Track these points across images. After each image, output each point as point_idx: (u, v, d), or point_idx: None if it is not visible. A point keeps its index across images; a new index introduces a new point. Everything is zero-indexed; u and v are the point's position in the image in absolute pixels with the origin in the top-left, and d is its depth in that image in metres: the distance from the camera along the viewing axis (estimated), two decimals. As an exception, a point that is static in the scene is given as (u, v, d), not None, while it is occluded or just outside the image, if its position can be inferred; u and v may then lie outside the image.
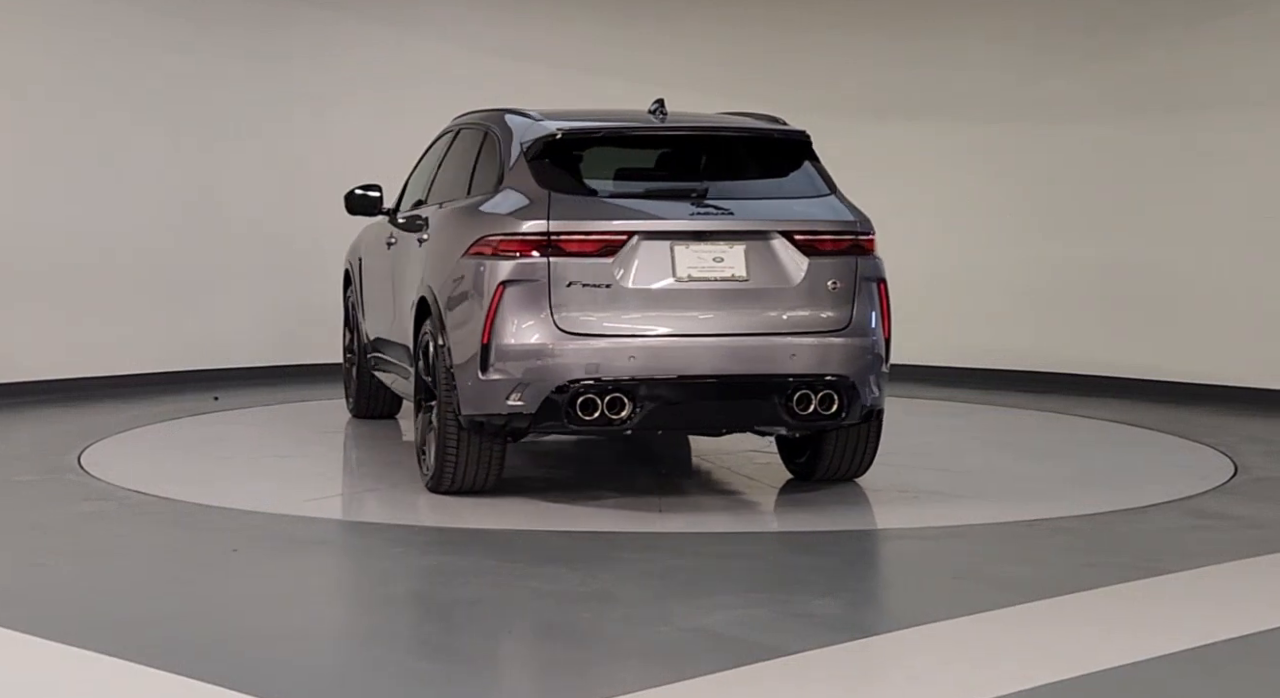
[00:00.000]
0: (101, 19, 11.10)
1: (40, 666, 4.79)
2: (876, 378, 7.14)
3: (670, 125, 7.46)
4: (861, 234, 7.19)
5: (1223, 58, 11.05)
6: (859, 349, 7.05)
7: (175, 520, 7.01)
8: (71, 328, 10.91)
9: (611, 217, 6.95)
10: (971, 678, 4.68)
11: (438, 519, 6.95)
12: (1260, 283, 10.91)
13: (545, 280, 6.82)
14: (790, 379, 6.92)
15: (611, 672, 4.73)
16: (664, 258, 6.91)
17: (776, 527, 6.98)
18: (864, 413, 7.16)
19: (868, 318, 7.12)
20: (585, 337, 6.80)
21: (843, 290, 7.07)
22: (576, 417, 6.79)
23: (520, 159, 7.23)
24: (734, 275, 6.96)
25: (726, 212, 7.04)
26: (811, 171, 7.47)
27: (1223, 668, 4.84)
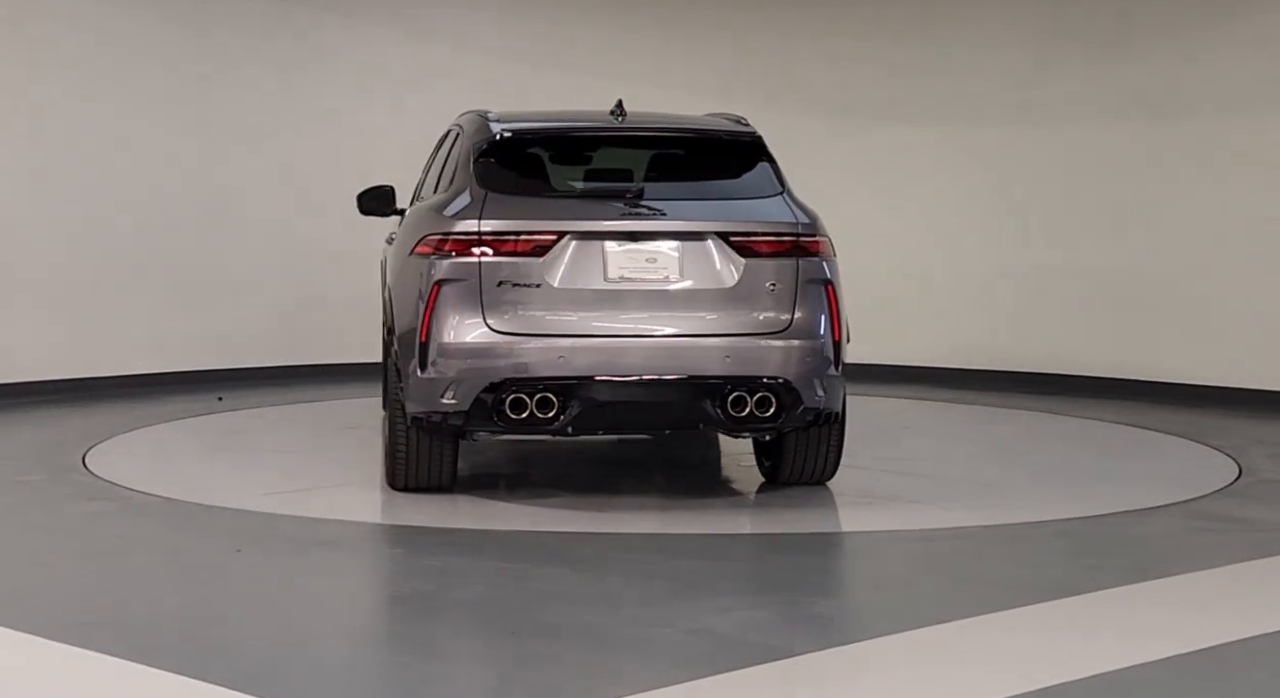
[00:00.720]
0: (109, 22, 11.11)
1: (44, 666, 4.80)
2: (823, 381, 7.02)
3: (615, 126, 7.47)
4: (804, 236, 7.08)
5: (1222, 62, 11.04)
6: (799, 351, 6.97)
7: (179, 521, 7.02)
8: (76, 328, 10.92)
9: (542, 217, 6.98)
10: (973, 680, 4.68)
11: (441, 520, 6.95)
12: (1265, 284, 10.90)
13: (477, 280, 6.86)
14: (724, 381, 6.87)
15: (614, 673, 4.73)
16: (596, 259, 6.92)
17: (779, 528, 6.97)
18: (810, 416, 7.08)
19: (811, 320, 7.02)
20: (515, 336, 6.83)
21: (782, 292, 6.99)
22: (506, 416, 6.82)
23: (469, 159, 7.30)
24: (667, 276, 6.96)
25: (659, 212, 7.01)
26: (763, 172, 7.39)
27: (1226, 672, 4.84)
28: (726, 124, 7.69)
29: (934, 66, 12.27)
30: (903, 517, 7.25)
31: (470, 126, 7.62)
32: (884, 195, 12.54)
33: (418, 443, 7.21)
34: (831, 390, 7.10)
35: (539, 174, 7.41)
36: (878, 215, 12.49)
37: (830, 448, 7.48)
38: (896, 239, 12.48)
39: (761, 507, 7.40)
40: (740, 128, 7.60)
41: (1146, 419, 10.23)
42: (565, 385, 6.80)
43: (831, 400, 7.12)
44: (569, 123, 7.60)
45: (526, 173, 7.35)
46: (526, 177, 7.33)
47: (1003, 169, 12.16)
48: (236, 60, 11.75)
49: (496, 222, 6.92)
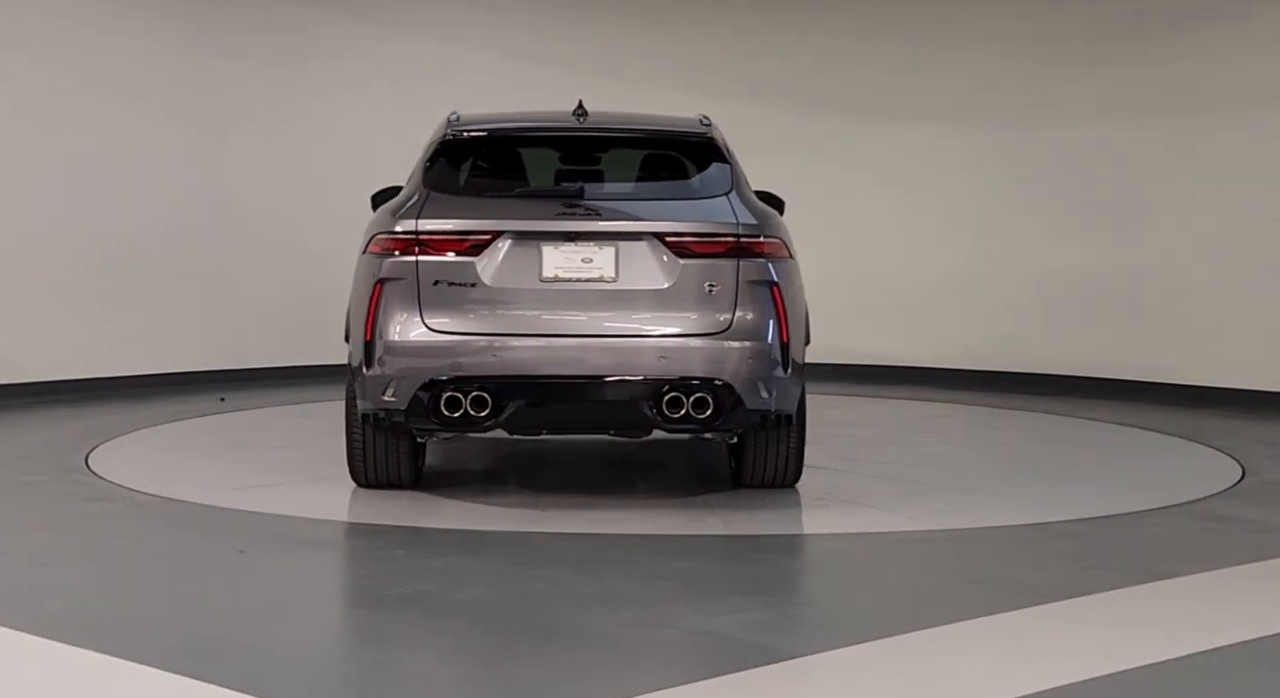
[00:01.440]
0: (109, 21, 11.11)
1: (47, 667, 4.80)
2: (768, 383, 6.98)
3: (565, 126, 7.52)
4: (746, 237, 7.04)
5: (1228, 61, 11.04)
6: (738, 353, 6.94)
7: (182, 522, 7.02)
8: (79, 329, 10.93)
9: (478, 216, 7.05)
10: (976, 682, 4.68)
11: (443, 521, 6.96)
12: (1268, 285, 10.90)
13: (415, 279, 6.97)
14: (659, 382, 6.88)
15: (617, 674, 4.73)
16: (532, 258, 6.98)
17: (783, 530, 6.97)
18: (756, 418, 7.06)
19: (753, 322, 6.99)
20: (451, 335, 6.93)
21: (721, 293, 6.97)
22: (442, 414, 6.90)
23: (422, 160, 7.42)
24: (602, 276, 6.99)
25: (595, 213, 7.04)
26: (715, 172, 7.37)
27: (1229, 673, 4.84)
28: (683, 124, 7.65)
29: (938, 66, 12.27)
30: (904, 518, 7.25)
31: (437, 126, 7.72)
32: (885, 196, 12.54)
33: (374, 440, 7.34)
34: (780, 392, 7.06)
35: (484, 174, 7.46)
36: (878, 216, 12.49)
37: (789, 451, 7.45)
38: (896, 240, 12.48)
39: (763, 508, 7.40)
40: (694, 128, 7.56)
41: (1149, 420, 10.23)
42: (499, 384, 6.87)
43: (780, 402, 7.08)
44: (518, 123, 7.64)
45: (473, 173, 7.43)
46: (472, 177, 7.41)
47: (1003, 170, 12.16)
48: (238, 60, 11.76)
49: (433, 221, 7.02)
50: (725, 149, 7.49)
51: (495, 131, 7.50)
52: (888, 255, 12.46)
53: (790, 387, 7.13)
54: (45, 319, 10.77)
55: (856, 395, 11.56)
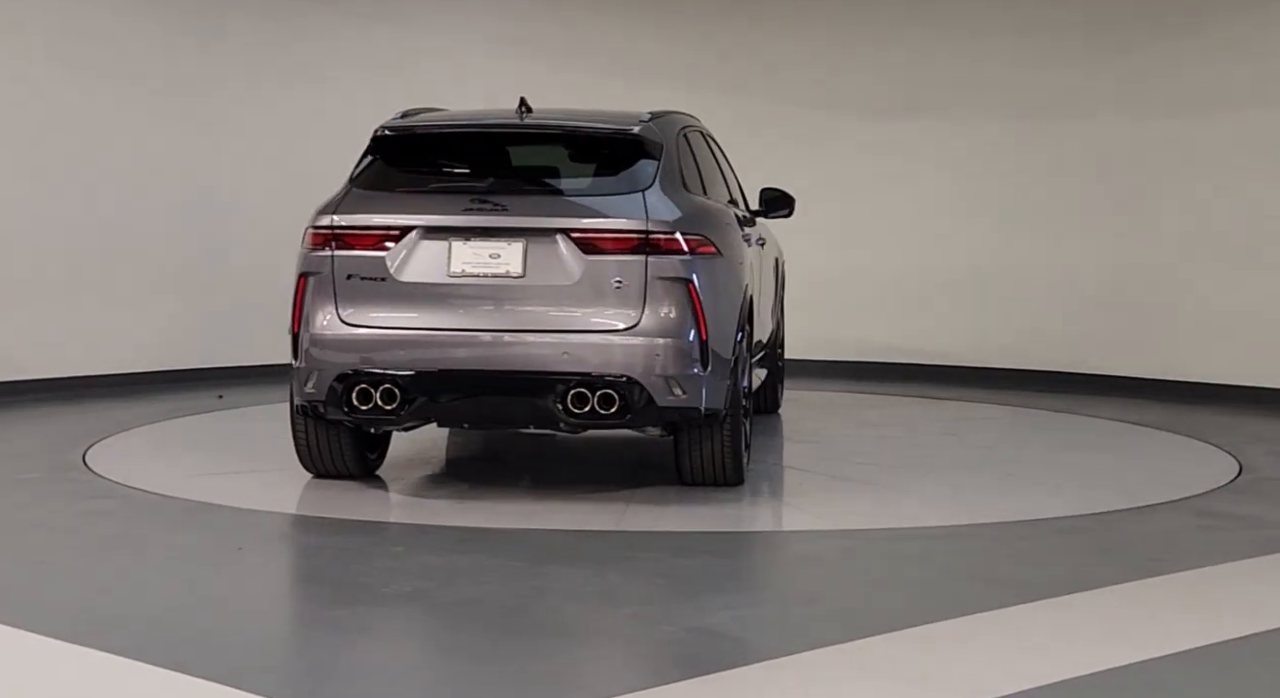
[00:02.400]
0: (104, 21, 11.08)
1: (44, 664, 4.80)
2: (681, 380, 6.98)
3: (493, 123, 7.58)
4: (656, 233, 6.99)
5: (1223, 58, 11.04)
6: (646, 349, 6.94)
7: (179, 519, 7.02)
8: (76, 326, 10.91)
9: (388, 211, 7.15)
10: (974, 678, 4.68)
11: (442, 518, 6.95)
12: (1265, 282, 10.90)
13: (331, 273, 7.14)
14: (563, 378, 6.91)
15: (614, 671, 4.74)
16: (440, 253, 7.06)
17: (781, 526, 6.97)
18: (673, 416, 7.06)
19: (663, 318, 6.96)
20: (362, 328, 7.07)
21: (629, 290, 6.96)
22: (354, 407, 7.04)
23: (360, 156, 7.52)
24: (509, 272, 7.01)
25: (503, 208, 7.06)
26: (639, 168, 7.32)
27: (1227, 668, 4.84)
28: (614, 120, 7.57)
29: (950, 58, 12.26)
30: (903, 515, 7.25)
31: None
32: (881, 193, 12.53)
33: (314, 430, 7.46)
34: (698, 390, 7.04)
35: (407, 170, 7.47)
36: (875, 212, 12.49)
37: (724, 449, 7.37)
38: (892, 237, 12.48)
39: (761, 505, 7.40)
40: (620, 125, 7.49)
41: (1146, 416, 10.23)
42: (407, 379, 6.97)
43: (701, 400, 7.06)
44: (444, 121, 7.66)
45: (397, 169, 7.44)
46: (395, 173, 7.43)
47: (1001, 166, 12.16)
48: (237, 57, 11.74)
49: (347, 216, 7.16)
50: (658, 145, 7.42)
51: (420, 129, 7.51)
52: (884, 253, 12.46)
53: (712, 384, 7.09)
54: (41, 315, 10.75)
55: (848, 392, 11.55)
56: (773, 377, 9.92)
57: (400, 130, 7.48)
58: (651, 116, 7.70)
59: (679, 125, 7.98)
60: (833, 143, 12.65)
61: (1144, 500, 7.41)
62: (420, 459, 8.34)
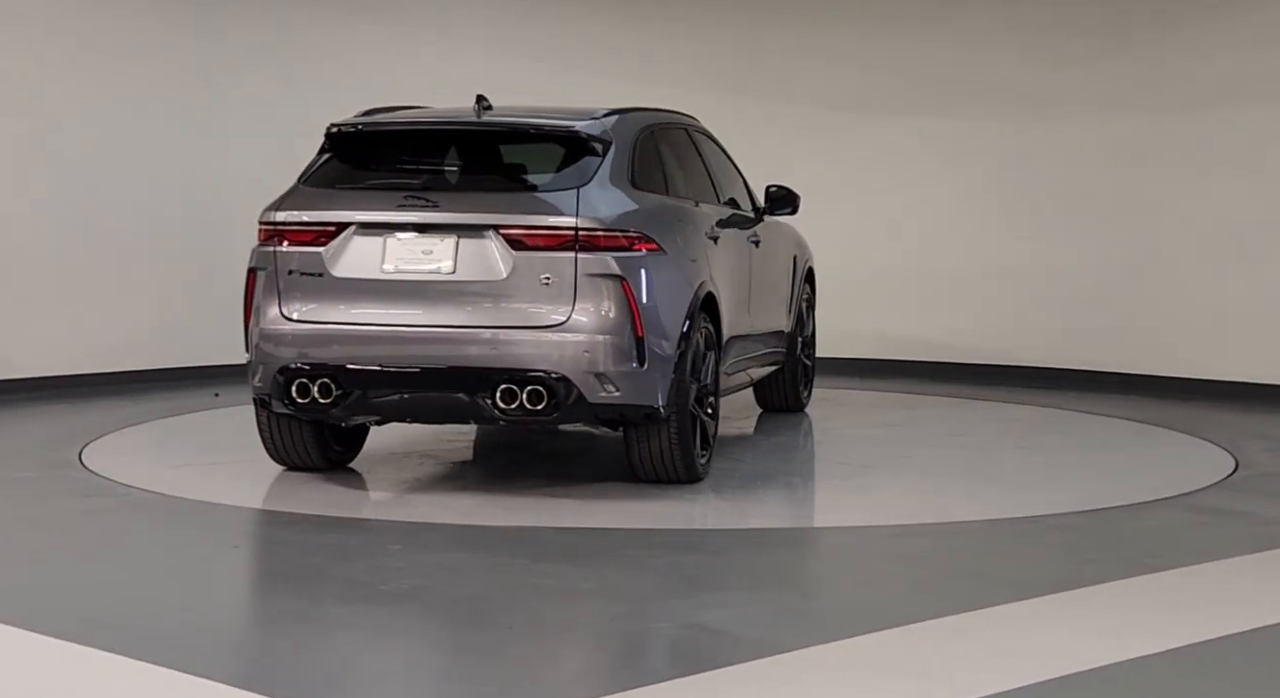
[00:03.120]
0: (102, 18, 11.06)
1: (41, 662, 4.80)
2: (613, 377, 6.98)
3: (432, 121, 7.65)
4: (585, 230, 6.98)
5: (1219, 57, 11.05)
6: (574, 346, 6.95)
7: (176, 517, 7.02)
8: (72, 324, 10.90)
9: (324, 207, 7.26)
10: (970, 675, 4.68)
11: (437, 516, 6.95)
12: (1261, 278, 10.91)
13: (274, 268, 7.26)
14: (492, 373, 6.95)
15: (612, 668, 4.74)
16: (375, 250, 7.14)
17: (776, 523, 6.98)
18: (610, 413, 7.09)
19: (593, 315, 6.97)
20: (301, 323, 7.20)
21: (558, 286, 6.97)
22: (294, 400, 7.14)
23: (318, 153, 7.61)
24: (440, 269, 7.06)
25: (434, 205, 7.11)
26: (579, 165, 7.30)
27: (1225, 665, 4.84)
28: (563, 117, 7.54)
29: (947, 57, 12.26)
30: (899, 512, 7.26)
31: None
32: (875, 191, 12.53)
33: (275, 422, 7.55)
34: (633, 387, 7.03)
35: (353, 167, 7.52)
36: (872, 210, 12.50)
37: (671, 446, 7.33)
38: (887, 234, 12.48)
39: (757, 502, 7.41)
40: (565, 122, 7.46)
41: (1142, 413, 10.23)
42: (342, 373, 7.07)
43: (633, 397, 7.05)
44: (392, 119, 7.70)
45: (346, 166, 7.52)
46: (343, 170, 7.50)
47: (997, 163, 12.15)
48: (235, 55, 11.72)
49: (287, 212, 7.30)
50: (604, 142, 7.38)
51: (366, 127, 7.54)
52: (879, 250, 12.46)
53: (650, 381, 7.08)
54: (38, 314, 10.73)
55: (839, 388, 11.55)
56: (792, 375, 9.85)
57: (348, 128, 7.52)
58: (608, 114, 7.66)
59: (644, 123, 7.92)
60: (831, 141, 12.65)
61: (1140, 497, 7.42)
62: (416, 456, 8.34)
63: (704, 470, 7.60)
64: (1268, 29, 10.93)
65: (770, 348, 9.27)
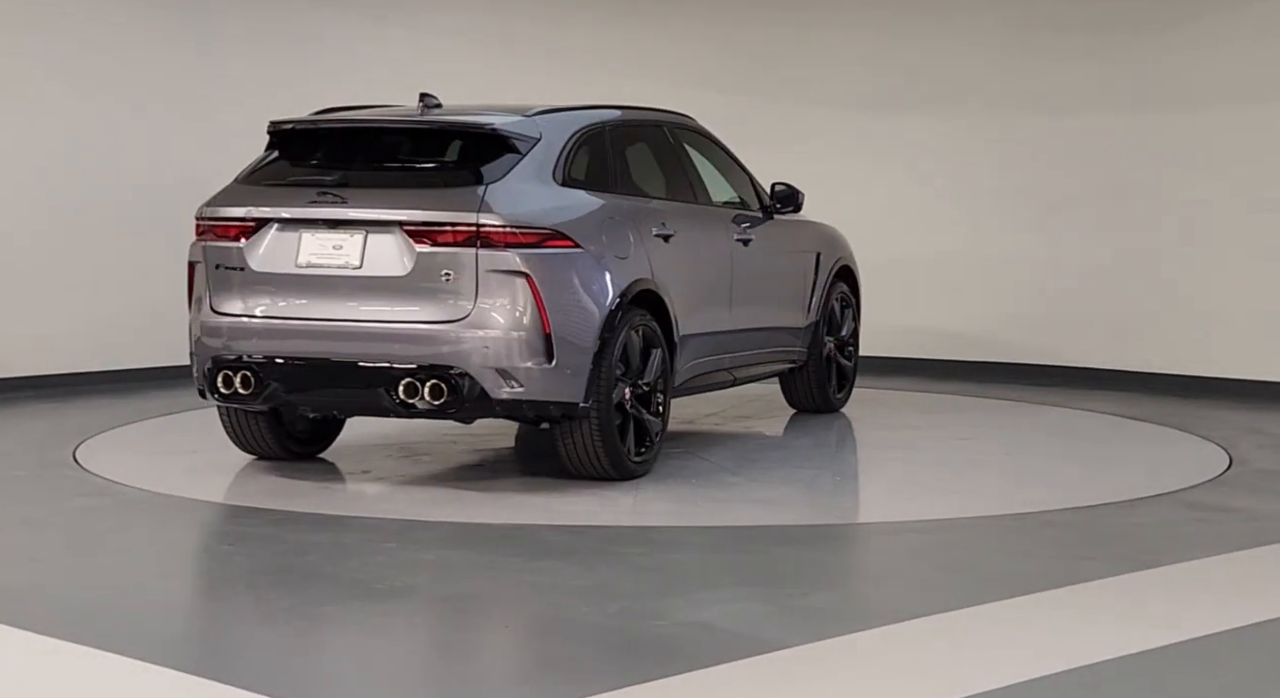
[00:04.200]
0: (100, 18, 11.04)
1: (36, 661, 4.79)
2: (517, 372, 7.03)
3: (356, 119, 7.75)
4: (487, 227, 7.01)
5: (1224, 53, 11.04)
6: (475, 341, 7.01)
7: (170, 516, 7.02)
8: (67, 323, 10.88)
9: (246, 203, 7.44)
10: (965, 672, 4.69)
11: (431, 514, 6.95)
12: (1254, 274, 10.91)
13: (205, 263, 7.48)
14: (395, 367, 7.05)
15: (608, 666, 4.74)
16: (291, 245, 7.31)
17: (771, 521, 6.98)
18: (514, 408, 7.13)
19: (494, 311, 7.01)
20: (226, 316, 7.40)
21: (460, 282, 7.03)
22: (220, 391, 7.36)
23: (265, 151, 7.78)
24: (348, 263, 7.19)
25: (343, 200, 7.22)
26: (498, 162, 7.32)
27: (1220, 660, 4.85)
28: (487, 115, 7.55)
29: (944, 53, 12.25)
30: (893, 509, 7.26)
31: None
32: (871, 187, 12.54)
33: (234, 413, 7.76)
34: (539, 383, 7.06)
35: (283, 164, 7.65)
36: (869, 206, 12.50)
37: (594, 442, 7.34)
38: (886, 229, 12.48)
39: (752, 500, 7.41)
40: (485, 120, 7.48)
41: (1136, 409, 10.24)
42: (261, 365, 7.26)
43: (540, 393, 7.09)
44: (321, 117, 7.81)
45: (278, 163, 7.66)
46: (274, 167, 7.64)
47: (992, 159, 12.15)
48: (232, 52, 11.70)
49: (216, 208, 7.52)
50: (527, 139, 7.40)
51: (299, 125, 7.68)
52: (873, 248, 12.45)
53: (561, 378, 7.11)
54: (33, 313, 10.72)
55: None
56: (818, 374, 9.71)
57: (283, 126, 7.67)
58: (540, 111, 7.68)
59: (588, 121, 7.89)
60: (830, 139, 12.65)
61: (1134, 493, 7.42)
62: (409, 453, 8.33)
63: (642, 468, 7.60)
64: (1265, 26, 10.93)
65: (774, 346, 9.20)
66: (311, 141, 7.70)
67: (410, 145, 7.62)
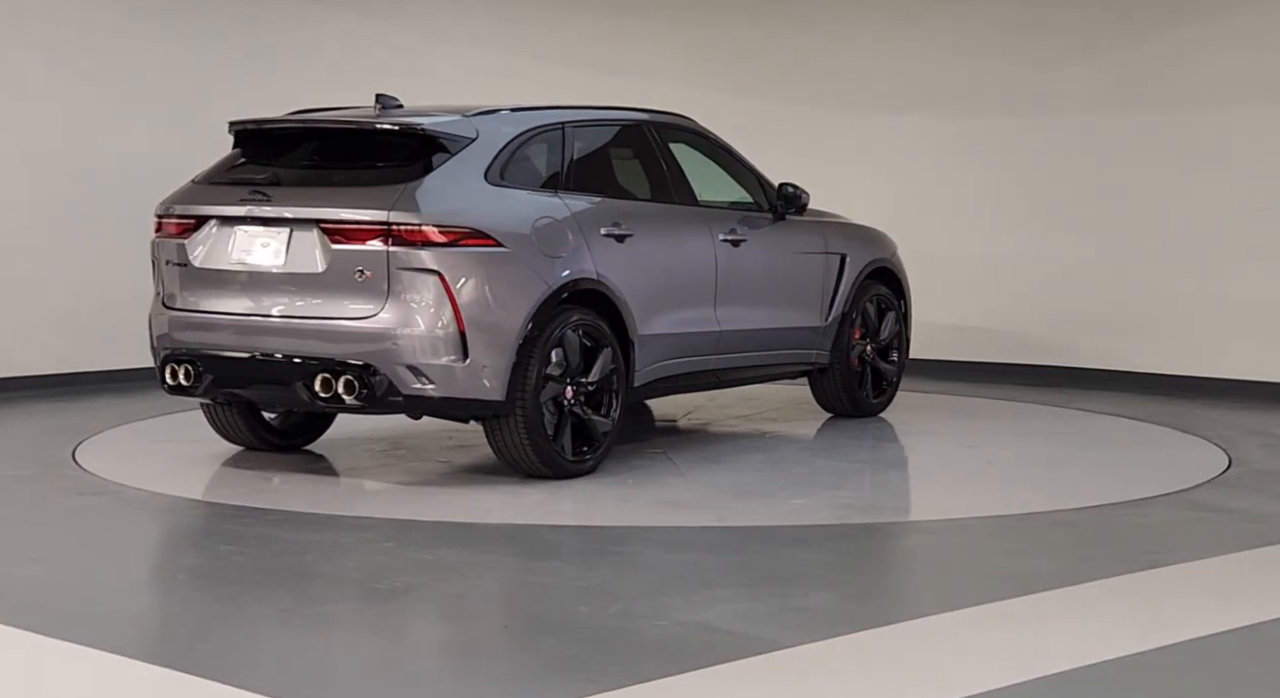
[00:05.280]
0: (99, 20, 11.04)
1: (35, 661, 4.79)
2: (429, 369, 7.10)
3: (297, 120, 7.84)
4: (398, 225, 7.09)
5: (1223, 55, 11.04)
6: (387, 338, 7.10)
7: (170, 516, 7.02)
8: (67, 322, 10.87)
9: (190, 202, 7.71)
10: (968, 672, 4.68)
11: (428, 513, 6.95)
12: (1255, 275, 10.91)
13: (158, 258, 7.80)
14: (311, 362, 7.22)
15: (607, 666, 4.73)
16: (226, 242, 7.53)
17: (774, 521, 6.97)
18: (421, 404, 7.22)
19: (407, 307, 7.10)
20: (173, 311, 7.70)
21: (373, 279, 7.13)
22: (166, 382, 7.67)
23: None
24: (273, 261, 7.37)
25: (268, 199, 7.41)
26: (422, 162, 7.39)
27: (1221, 660, 4.85)
28: (415, 117, 7.60)
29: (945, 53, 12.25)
30: (893, 509, 7.25)
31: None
32: (874, 184, 12.53)
33: (213, 404, 8.03)
34: (450, 380, 7.13)
35: (238, 163, 7.85)
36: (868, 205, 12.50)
37: (521, 440, 7.38)
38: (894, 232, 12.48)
39: (752, 499, 7.40)
40: (413, 120, 7.53)
41: (1134, 410, 10.24)
42: (198, 358, 7.54)
43: (453, 390, 7.15)
44: (266, 118, 7.96)
45: (234, 162, 7.87)
46: (228, 166, 7.87)
47: (994, 160, 12.15)
48: (236, 58, 11.70)
49: (167, 205, 7.80)
50: (457, 139, 7.47)
51: (249, 127, 7.87)
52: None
53: (475, 375, 7.16)
54: (33, 312, 10.71)
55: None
56: (844, 377, 9.52)
57: (236, 127, 7.91)
58: (484, 112, 7.75)
59: (537, 122, 7.91)
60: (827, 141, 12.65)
61: (1134, 494, 7.42)
62: (407, 452, 8.33)
63: (580, 467, 7.60)
64: (1257, 31, 10.93)
65: (778, 347, 9.06)
66: (262, 142, 7.90)
67: (346, 146, 7.73)
